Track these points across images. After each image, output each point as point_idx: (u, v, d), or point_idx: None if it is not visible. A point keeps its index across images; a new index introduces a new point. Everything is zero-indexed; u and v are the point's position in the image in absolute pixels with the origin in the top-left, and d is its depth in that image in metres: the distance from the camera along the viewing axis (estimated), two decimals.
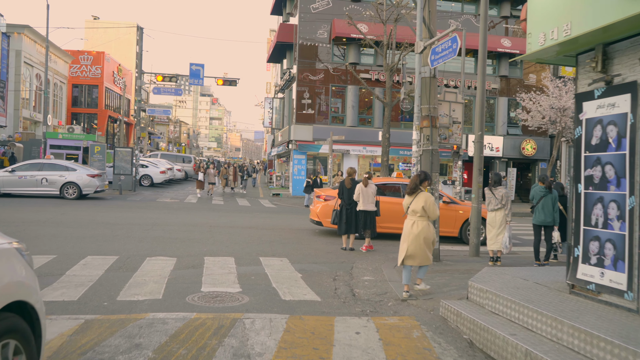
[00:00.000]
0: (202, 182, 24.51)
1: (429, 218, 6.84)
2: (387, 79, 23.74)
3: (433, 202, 6.82)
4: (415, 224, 6.82)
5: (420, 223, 6.81)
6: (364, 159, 30.00)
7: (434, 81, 9.75)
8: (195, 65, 27.69)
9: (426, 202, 6.77)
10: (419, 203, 6.79)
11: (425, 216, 6.81)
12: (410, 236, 6.83)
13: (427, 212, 6.77)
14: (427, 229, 6.84)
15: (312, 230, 13.51)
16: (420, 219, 6.82)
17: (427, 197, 6.82)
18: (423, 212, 6.77)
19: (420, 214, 6.79)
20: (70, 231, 11.24)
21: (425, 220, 6.83)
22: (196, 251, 9.55)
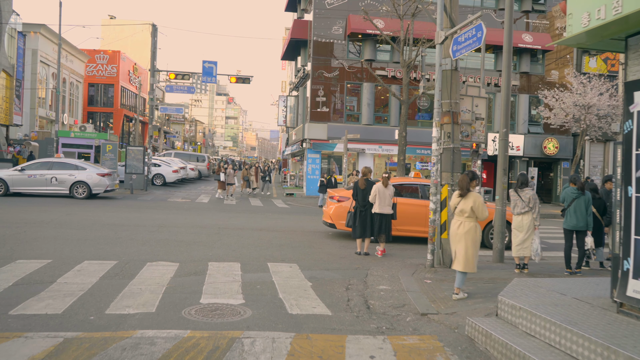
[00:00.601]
0: (224, 183, 23.50)
1: (478, 219, 6.67)
2: (404, 75, 22.99)
3: (482, 203, 6.65)
4: (462, 224, 6.67)
5: (467, 224, 6.64)
6: (380, 158, 29.28)
7: (455, 74, 9.05)
8: (208, 62, 27.27)
9: (475, 202, 6.60)
10: (468, 203, 6.63)
11: (473, 217, 6.64)
12: (455, 237, 6.73)
13: (476, 213, 6.62)
14: (474, 230, 6.65)
15: (325, 233, 12.89)
16: (468, 219, 6.65)
17: (476, 197, 6.65)
18: (472, 212, 6.61)
19: (469, 215, 6.63)
20: (72, 233, 10.77)
21: (473, 221, 6.65)
22: (200, 256, 8.98)
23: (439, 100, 8.93)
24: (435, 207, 8.92)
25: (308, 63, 29.15)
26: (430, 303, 6.47)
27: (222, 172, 23.43)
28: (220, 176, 23.47)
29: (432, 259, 8.93)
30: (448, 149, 8.98)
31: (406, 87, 22.96)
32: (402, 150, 22.65)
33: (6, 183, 18.71)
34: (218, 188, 23.68)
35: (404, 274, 8.30)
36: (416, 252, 10.94)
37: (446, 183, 8.99)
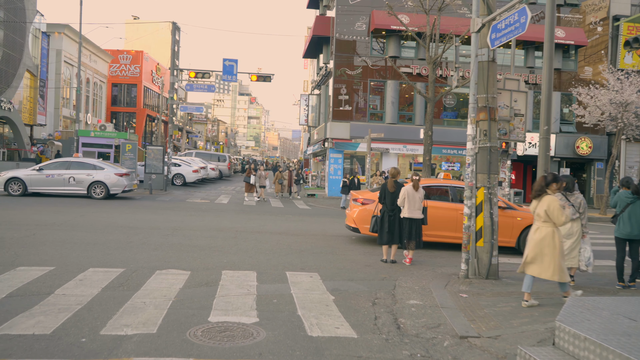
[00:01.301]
0: (253, 186, 21.91)
1: (555, 224, 6.34)
2: (430, 72, 22.08)
3: (557, 207, 6.32)
4: (539, 229, 6.42)
5: (544, 229, 6.37)
6: (404, 158, 28.40)
7: (492, 66, 8.23)
8: (228, 60, 26.76)
9: (549, 206, 6.32)
10: (542, 207, 6.39)
11: (549, 222, 6.35)
12: (531, 242, 6.48)
13: (551, 217, 6.31)
14: (552, 236, 6.32)
15: (348, 238, 12.15)
16: (545, 224, 6.38)
17: (550, 200, 6.36)
18: (546, 217, 6.34)
19: (544, 219, 6.38)
20: (82, 236, 10.26)
21: (550, 226, 6.36)
22: (215, 263, 8.34)
23: (475, 95, 8.12)
24: (470, 212, 8.12)
25: (330, 61, 28.44)
26: (469, 323, 5.69)
27: (252, 174, 21.93)
28: (250, 178, 21.87)
29: (466, 269, 8.13)
30: (484, 148, 8.16)
31: (432, 85, 22.05)
32: (428, 150, 21.76)
33: (24, 183, 18.46)
34: (245, 191, 22.13)
35: (436, 286, 7.51)
36: (446, 259, 10.13)
37: (482, 186, 8.18)
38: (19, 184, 18.46)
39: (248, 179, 21.98)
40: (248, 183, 21.97)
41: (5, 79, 34.08)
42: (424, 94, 22.35)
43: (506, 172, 25.03)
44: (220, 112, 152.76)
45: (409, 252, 9.31)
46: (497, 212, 8.21)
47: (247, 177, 22.12)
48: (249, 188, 21.99)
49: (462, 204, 11.14)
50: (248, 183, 21.97)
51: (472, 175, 8.16)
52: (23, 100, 38.16)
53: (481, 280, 8.02)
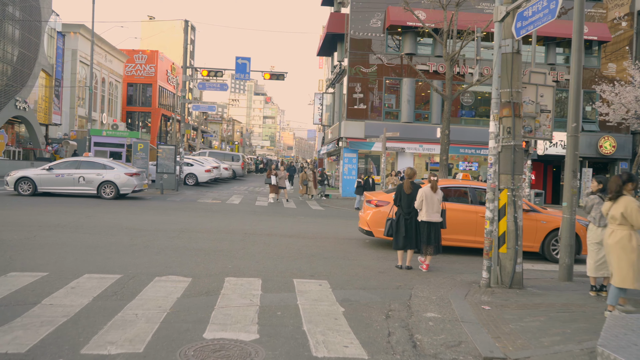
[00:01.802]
0: (276, 187, 21.44)
1: (633, 227, 5.94)
2: (447, 69, 21.39)
3: (636, 208, 5.91)
4: (614, 233, 6.03)
5: (619, 232, 5.98)
6: (420, 157, 27.73)
7: (517, 58, 7.61)
8: (241, 59, 26.35)
9: (627, 207, 5.93)
10: (618, 209, 5.99)
11: (626, 225, 5.95)
12: (606, 247, 6.16)
13: (630, 220, 5.91)
14: (628, 240, 5.91)
15: (361, 241, 11.60)
16: (620, 227, 5.98)
17: (628, 201, 5.97)
18: (623, 219, 5.95)
19: (620, 222, 5.98)
20: (84, 239, 9.87)
21: (627, 229, 5.95)
22: (218, 268, 7.86)
23: (498, 89, 7.51)
24: (492, 216, 7.52)
25: (345, 59, 27.88)
26: (493, 341, 5.11)
27: (273, 174, 21.43)
28: (271, 179, 21.35)
29: (488, 277, 7.53)
30: (508, 146, 7.55)
31: (449, 82, 21.36)
32: (445, 149, 21.09)
33: (34, 182, 18.24)
34: (270, 192, 21.38)
35: (455, 296, 6.94)
36: (465, 265, 9.53)
37: (505, 187, 7.57)
38: (29, 184, 18.25)
39: (269, 181, 21.39)
40: (271, 184, 21.36)
41: (21, 79, 34.16)
42: (440, 92, 21.70)
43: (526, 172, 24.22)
44: (236, 111, 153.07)
45: (426, 258, 8.72)
46: (521, 216, 7.60)
47: (268, 179, 21.56)
48: (274, 189, 21.34)
49: (482, 206, 10.53)
50: (271, 184, 21.36)
51: (494, 176, 7.56)
52: (38, 99, 38.29)
53: (504, 289, 7.41)
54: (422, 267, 8.74)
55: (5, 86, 32.40)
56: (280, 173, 21.71)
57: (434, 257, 8.93)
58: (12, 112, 33.01)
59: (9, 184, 18.26)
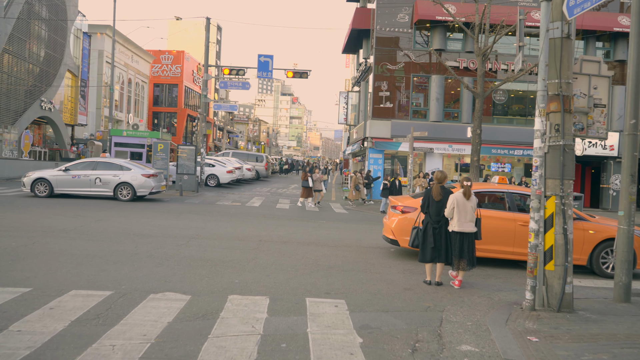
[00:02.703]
0: (311, 190, 20.05)
1: None
2: (479, 65, 20.20)
3: None
4: None
5: None
6: (449, 158, 26.50)
7: (567, 43, 6.53)
8: (263, 56, 25.62)
9: None
10: None
11: None
12: None
13: None
14: None
15: (385, 250, 10.62)
16: None
17: None
18: None
19: None
20: (84, 246, 9.16)
21: None
22: (223, 284, 7.01)
23: (545, 80, 6.45)
24: (538, 228, 6.46)
25: (370, 56, 26.86)
26: None
27: (309, 177, 19.99)
28: (308, 182, 19.94)
29: (532, 298, 6.48)
30: (556, 146, 6.48)
31: (481, 79, 20.17)
32: (476, 150, 19.91)
33: (51, 184, 17.81)
34: (301, 196, 20.13)
35: (494, 322, 5.91)
36: (503, 280, 8.46)
37: (553, 194, 6.51)
38: (46, 185, 17.83)
39: (306, 183, 20.05)
40: (306, 188, 20.10)
41: (46, 79, 34.19)
42: (471, 89, 20.52)
43: None
44: (263, 112, 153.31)
45: (459, 273, 7.70)
46: (571, 228, 6.51)
47: (304, 182, 20.14)
48: (308, 193, 20.09)
49: (521, 214, 9.45)
50: (306, 188, 20.10)
51: (539, 181, 6.50)
52: (64, 100, 38.37)
53: (552, 313, 6.35)
54: (454, 284, 7.72)
55: (30, 87, 32.44)
56: (315, 175, 20.47)
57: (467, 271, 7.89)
58: (37, 112, 33.05)
59: (25, 185, 17.88)
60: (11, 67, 30.31)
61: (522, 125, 26.38)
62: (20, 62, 31.33)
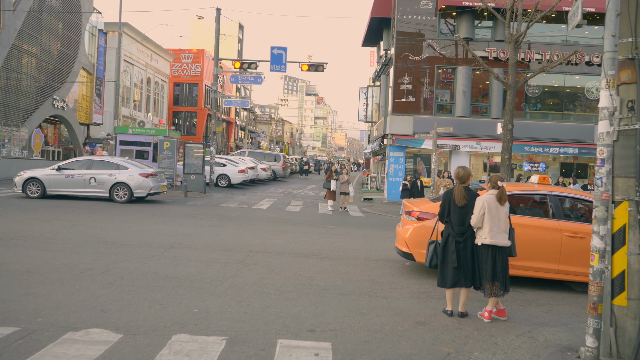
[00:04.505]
0: (334, 192, 18.31)
1: None
2: (510, 53, 18.13)
3: None
4: None
5: None
6: (477, 157, 24.42)
7: None
8: (277, 49, 24.03)
9: None
10: None
11: None
12: None
13: None
14: None
15: (398, 264, 8.81)
16: None
17: None
18: None
19: None
20: (33, 258, 7.63)
21: None
22: (176, 315, 5.34)
23: (615, 37, 4.58)
24: (604, 247, 4.59)
25: (391, 47, 24.96)
26: None
27: (333, 178, 18.22)
28: (330, 184, 18.17)
29: (595, 345, 4.61)
30: (629, 132, 4.61)
31: (513, 68, 18.08)
32: (508, 147, 17.86)
33: (43, 184, 16.53)
34: (327, 198, 18.51)
35: None
36: (547, 308, 6.57)
37: (624, 199, 4.63)
38: (38, 185, 16.56)
39: (328, 185, 18.26)
40: (329, 190, 18.26)
41: (59, 77, 33.33)
42: (502, 80, 18.45)
43: None
44: (287, 112, 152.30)
45: (490, 302, 5.85)
46: None
47: (327, 183, 18.42)
48: (331, 195, 18.26)
49: (568, 222, 7.54)
50: (329, 190, 18.26)
51: (606, 180, 4.64)
52: (79, 99, 37.56)
53: None
54: (483, 315, 5.88)
55: (42, 84, 31.59)
56: (342, 177, 18.53)
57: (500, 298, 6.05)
58: (49, 111, 32.20)
59: (17, 185, 16.64)
60: (21, 64, 29.47)
61: (558, 120, 24.13)
62: (31, 58, 30.48)
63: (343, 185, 18.54)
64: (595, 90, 24.13)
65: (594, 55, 23.14)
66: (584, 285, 7.72)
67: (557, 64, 18.22)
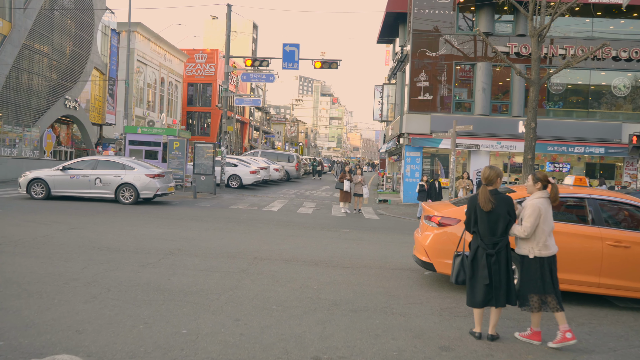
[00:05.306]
0: (349, 194, 17.54)
1: None
2: (534, 48, 17.18)
3: None
4: None
5: None
6: (498, 157, 23.44)
7: None
8: (289, 45, 23.33)
9: None
10: None
11: None
12: None
13: None
14: None
15: (417, 274, 8.02)
16: None
17: None
18: None
19: None
20: (16, 266, 7.01)
21: None
22: (161, 337, 4.63)
23: None
24: None
25: (407, 43, 24.10)
26: None
27: (346, 179, 17.38)
28: (344, 184, 17.33)
29: None
30: None
31: (536, 63, 17.12)
32: (531, 146, 16.92)
33: (47, 185, 16.06)
34: (340, 200, 17.68)
35: None
36: (589, 328, 5.73)
37: None
38: (42, 186, 16.10)
39: (341, 186, 17.34)
40: (342, 190, 17.41)
41: (71, 77, 33.07)
42: (525, 75, 17.49)
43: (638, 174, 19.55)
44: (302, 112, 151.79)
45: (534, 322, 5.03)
46: None
47: (339, 183, 17.46)
48: (345, 197, 17.45)
49: (610, 229, 6.69)
50: (342, 190, 17.41)
51: None
52: (91, 99, 37.31)
53: None
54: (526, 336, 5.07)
55: (54, 84, 31.32)
56: (356, 177, 17.67)
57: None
58: (61, 111, 31.94)
59: (21, 186, 16.20)
60: (32, 63, 29.22)
61: (582, 118, 23.03)
62: (42, 58, 30.22)
63: (357, 186, 17.73)
64: (622, 86, 23.01)
65: (621, 49, 22.03)
66: (628, 300, 6.87)
67: (583, 59, 17.21)
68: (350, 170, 17.85)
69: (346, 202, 17.52)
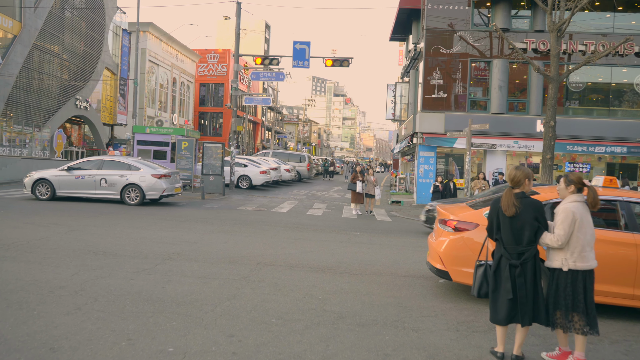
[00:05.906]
0: (361, 195, 16.84)
1: None
2: (553, 43, 16.50)
3: None
4: None
5: None
6: (514, 157, 22.70)
7: None
8: (299, 43, 22.84)
9: None
10: None
11: None
12: None
13: None
14: None
15: (431, 282, 7.44)
16: None
17: None
18: None
19: None
20: (3, 272, 6.57)
21: None
22: (146, 355, 4.15)
23: None
24: None
25: (421, 40, 23.47)
26: None
27: (359, 179, 16.77)
28: (356, 185, 16.72)
29: None
30: None
31: (555, 59, 16.45)
32: (550, 145, 16.25)
33: (52, 185, 15.76)
34: (352, 201, 16.94)
35: None
36: (625, 347, 5.14)
37: None
38: (47, 187, 15.80)
39: (353, 186, 16.69)
40: (354, 192, 16.75)
41: (82, 77, 32.92)
42: (543, 72, 16.78)
43: None
44: (315, 113, 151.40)
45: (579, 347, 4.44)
46: None
47: (351, 184, 16.81)
48: (357, 198, 16.74)
49: None
50: (354, 192, 16.75)
51: None
52: (102, 99, 37.18)
53: None
54: (554, 357, 4.50)
55: (64, 84, 31.18)
56: (368, 178, 17.08)
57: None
58: (72, 111, 31.79)
59: (26, 186, 15.92)
60: (42, 63, 29.09)
61: (603, 116, 22.19)
62: (53, 58, 30.09)
63: (369, 186, 17.16)
64: None
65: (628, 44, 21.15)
66: None
67: (604, 55, 16.47)
68: (361, 171, 17.29)
69: (358, 203, 16.95)
